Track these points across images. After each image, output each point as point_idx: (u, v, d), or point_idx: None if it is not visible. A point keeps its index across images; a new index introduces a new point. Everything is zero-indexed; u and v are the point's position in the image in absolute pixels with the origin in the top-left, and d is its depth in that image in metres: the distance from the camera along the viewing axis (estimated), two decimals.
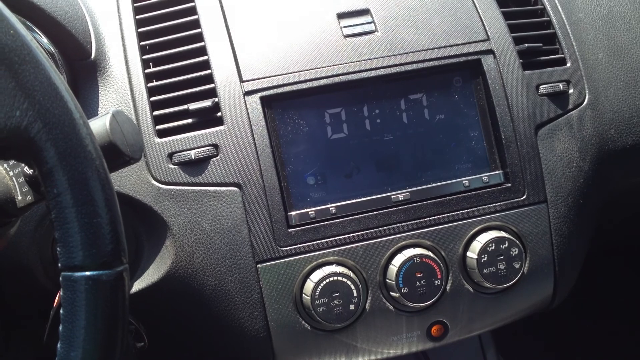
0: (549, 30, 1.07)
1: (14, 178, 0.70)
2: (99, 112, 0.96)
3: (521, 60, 1.02)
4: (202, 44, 0.97)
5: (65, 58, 0.95)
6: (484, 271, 0.96)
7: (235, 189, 0.92)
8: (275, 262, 0.92)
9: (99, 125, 0.61)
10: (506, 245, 0.96)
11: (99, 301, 0.55)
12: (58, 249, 0.55)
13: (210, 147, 0.92)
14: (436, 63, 0.98)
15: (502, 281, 0.97)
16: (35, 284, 0.96)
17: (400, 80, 0.97)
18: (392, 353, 1.01)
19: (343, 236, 0.94)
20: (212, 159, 0.92)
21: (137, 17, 1.00)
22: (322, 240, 0.93)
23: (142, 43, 0.98)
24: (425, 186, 0.96)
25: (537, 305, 1.06)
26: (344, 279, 0.91)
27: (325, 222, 0.93)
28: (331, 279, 0.91)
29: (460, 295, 0.98)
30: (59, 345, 0.56)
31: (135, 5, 1.01)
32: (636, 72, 1.08)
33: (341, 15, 1.00)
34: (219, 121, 0.93)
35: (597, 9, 1.11)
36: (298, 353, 0.97)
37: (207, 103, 0.93)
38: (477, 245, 0.96)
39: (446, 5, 1.03)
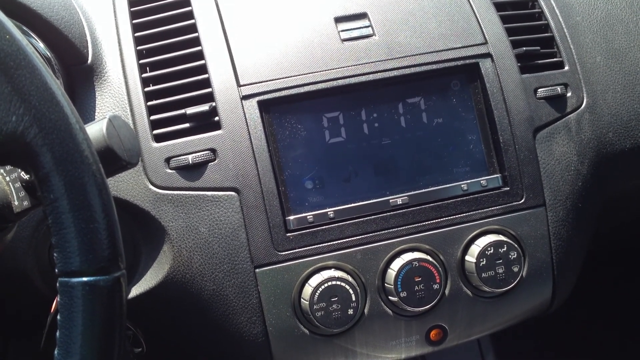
0: (546, 34, 1.08)
1: (10, 183, 0.69)
2: (95, 117, 0.96)
3: (519, 64, 1.02)
4: (199, 48, 0.97)
5: (61, 63, 0.95)
6: (483, 275, 0.95)
7: (233, 193, 0.92)
8: (274, 266, 0.92)
9: (95, 130, 0.61)
10: (505, 249, 0.96)
11: (96, 307, 0.54)
12: (55, 254, 0.54)
13: (207, 152, 0.92)
14: (434, 67, 0.98)
15: (500, 285, 0.96)
16: (32, 289, 0.95)
17: (398, 84, 0.97)
18: (391, 357, 1.01)
19: (341, 240, 0.93)
20: (209, 164, 0.92)
21: (134, 21, 1.00)
22: (321, 245, 0.93)
23: (139, 47, 0.98)
24: (423, 190, 0.96)
25: (536, 309, 1.05)
26: (343, 284, 0.91)
27: (324, 227, 0.93)
28: (329, 283, 0.91)
29: (459, 299, 0.98)
30: (56, 352, 0.55)
31: (132, 9, 1.01)
32: (634, 75, 1.08)
33: (338, 19, 1.00)
34: (217, 125, 0.93)
35: (595, 12, 1.11)
36: (297, 358, 0.96)
37: (204, 107, 0.92)
38: (475, 249, 0.96)
39: (444, 8, 1.03)
